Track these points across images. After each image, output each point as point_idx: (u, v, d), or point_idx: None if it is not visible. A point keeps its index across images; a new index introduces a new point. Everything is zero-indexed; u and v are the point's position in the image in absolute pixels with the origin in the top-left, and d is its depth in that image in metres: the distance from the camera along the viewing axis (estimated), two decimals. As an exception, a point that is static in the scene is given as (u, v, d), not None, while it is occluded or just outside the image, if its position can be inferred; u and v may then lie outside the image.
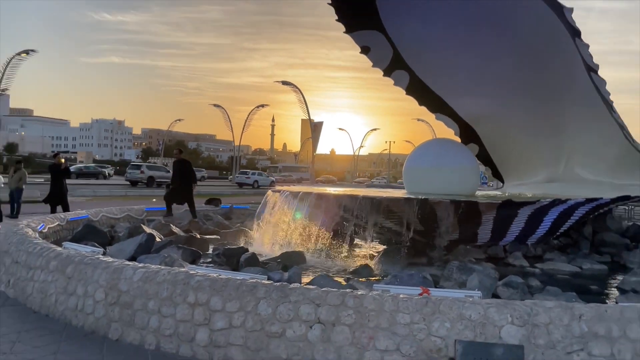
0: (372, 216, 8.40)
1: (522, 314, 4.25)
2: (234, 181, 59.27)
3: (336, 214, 9.06)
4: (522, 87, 11.12)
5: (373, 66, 11.84)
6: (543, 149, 11.95)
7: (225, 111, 66.80)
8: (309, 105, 57.44)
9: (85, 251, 6.49)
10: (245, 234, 10.57)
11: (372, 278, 7.16)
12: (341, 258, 8.66)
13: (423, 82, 12.04)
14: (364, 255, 9.10)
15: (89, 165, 60.81)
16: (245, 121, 65.92)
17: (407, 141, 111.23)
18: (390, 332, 4.31)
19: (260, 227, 10.17)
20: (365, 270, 7.51)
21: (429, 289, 4.75)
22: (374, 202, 8.43)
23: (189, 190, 12.94)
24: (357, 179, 67.57)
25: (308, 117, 59.17)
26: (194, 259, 7.73)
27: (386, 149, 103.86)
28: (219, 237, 10.45)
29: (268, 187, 37.39)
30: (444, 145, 10.95)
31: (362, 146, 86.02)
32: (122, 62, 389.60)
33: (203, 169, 53.12)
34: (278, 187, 11.44)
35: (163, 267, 5.62)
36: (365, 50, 11.44)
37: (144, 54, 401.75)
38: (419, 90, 12.23)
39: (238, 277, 5.04)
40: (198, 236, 9.67)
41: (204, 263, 7.68)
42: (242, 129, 66.63)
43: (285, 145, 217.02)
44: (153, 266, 5.56)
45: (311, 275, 6.98)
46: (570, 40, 8.46)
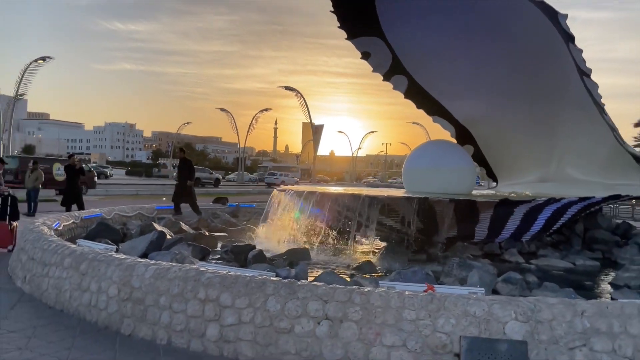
0: (374, 214, 8.24)
1: (526, 310, 4.10)
2: (239, 181, 60.54)
3: (339, 212, 8.91)
4: (516, 91, 10.96)
5: (373, 71, 11.69)
6: (536, 150, 11.78)
7: (231, 115, 66.54)
8: (310, 109, 57.23)
9: (98, 248, 6.35)
10: (252, 231, 10.43)
11: (375, 274, 7.00)
12: (344, 254, 8.51)
13: (421, 86, 11.89)
14: (366, 251, 8.96)
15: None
16: (250, 124, 65.59)
17: (402, 143, 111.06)
18: (397, 328, 4.16)
19: (266, 224, 10.03)
20: (368, 267, 7.35)
21: (434, 286, 4.60)
22: (376, 201, 8.28)
23: (184, 187, 12.79)
24: (365, 180, 66.76)
25: (309, 121, 58.97)
26: (204, 255, 7.59)
27: (383, 151, 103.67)
28: (226, 235, 10.31)
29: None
30: (442, 147, 10.79)
31: (360, 148, 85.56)
32: (134, 69, 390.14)
33: (212, 170, 52.67)
34: (283, 187, 11.29)
35: (174, 264, 5.47)
36: (365, 55, 11.30)
37: (154, 61, 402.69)
38: (417, 94, 12.09)
39: (247, 274, 4.89)
40: (207, 233, 9.53)
41: (212, 259, 7.53)
42: (247, 132, 66.39)
43: (287, 147, 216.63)
44: (164, 263, 5.41)
45: (317, 271, 6.83)
46: (564, 45, 8.30)
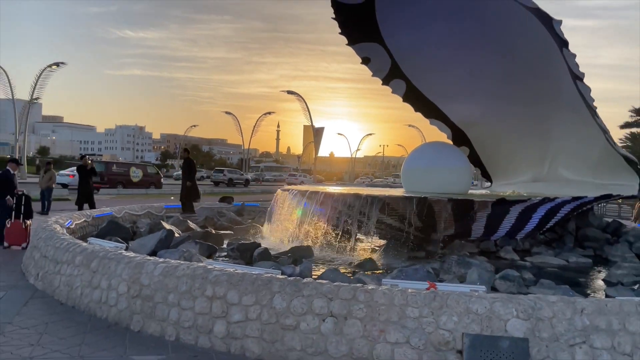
0: (375, 213, 8.11)
1: (527, 308, 3.99)
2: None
3: (341, 211, 8.78)
4: (510, 94, 10.83)
5: (373, 75, 11.55)
6: (529, 151, 11.65)
7: (236, 118, 66.53)
8: (311, 112, 57.10)
9: (109, 246, 6.24)
10: (256, 229, 10.31)
11: (377, 271, 6.88)
12: (346, 252, 8.38)
13: (419, 90, 11.75)
14: (367, 249, 8.84)
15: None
16: (254, 127, 65.64)
17: (399, 145, 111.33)
18: (400, 326, 4.05)
19: (271, 223, 9.91)
20: (369, 264, 7.23)
21: (436, 284, 4.48)
22: (376, 200, 8.16)
23: (184, 186, 12.68)
24: (375, 180, 66.16)
25: (310, 123, 58.84)
26: (211, 253, 7.48)
27: (380, 152, 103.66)
28: (232, 233, 10.20)
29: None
30: (439, 148, 10.65)
31: (359, 149, 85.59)
32: (143, 74, 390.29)
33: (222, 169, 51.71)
34: (287, 187, 11.17)
35: (182, 262, 5.35)
36: (365, 61, 11.17)
37: (163, 66, 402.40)
38: (415, 97, 11.95)
39: (254, 272, 4.78)
40: (213, 231, 9.40)
41: (219, 257, 7.41)
42: (251, 134, 66.35)
43: (289, 148, 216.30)
44: (173, 261, 5.30)
45: (320, 268, 6.71)
46: (557, 50, 8.18)
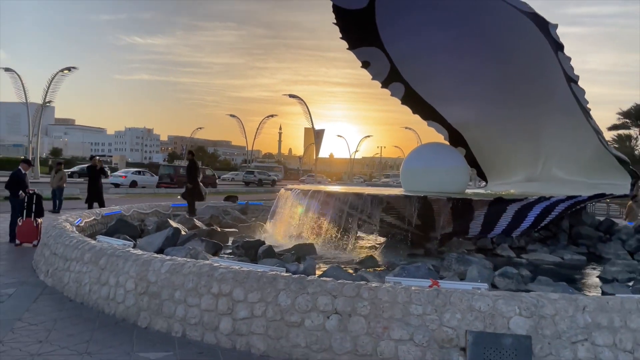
0: (376, 212, 7.97)
1: (529, 305, 3.84)
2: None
3: (342, 209, 8.63)
4: (506, 97, 10.67)
5: (372, 79, 11.40)
6: (523, 152, 11.49)
7: (240, 120, 66.32)
8: (312, 115, 56.94)
9: (117, 244, 6.09)
10: (261, 227, 10.16)
11: (378, 268, 6.73)
12: (347, 249, 8.23)
13: (417, 93, 11.60)
14: (367, 246, 8.69)
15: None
16: (257, 129, 65.38)
17: (396, 146, 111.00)
18: (404, 323, 3.91)
19: (274, 221, 9.75)
20: (370, 261, 7.08)
21: (438, 282, 4.33)
22: (377, 200, 8.01)
23: (186, 187, 12.51)
24: (383, 180, 65.11)
25: (311, 126, 58.68)
26: (216, 250, 7.33)
27: (378, 153, 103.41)
28: (237, 230, 10.03)
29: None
30: (437, 149, 10.50)
31: (357, 151, 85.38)
32: (151, 79, 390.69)
33: (234, 171, 51.14)
34: (289, 186, 11.01)
35: (189, 259, 5.21)
36: (365, 64, 11.02)
37: (169, 71, 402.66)
38: (413, 100, 11.79)
39: (259, 270, 4.63)
40: (219, 229, 9.25)
41: (225, 254, 7.27)
42: (254, 136, 66.24)
43: (290, 150, 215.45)
44: (179, 259, 5.15)
45: (323, 265, 6.56)
46: (552, 53, 8.04)
